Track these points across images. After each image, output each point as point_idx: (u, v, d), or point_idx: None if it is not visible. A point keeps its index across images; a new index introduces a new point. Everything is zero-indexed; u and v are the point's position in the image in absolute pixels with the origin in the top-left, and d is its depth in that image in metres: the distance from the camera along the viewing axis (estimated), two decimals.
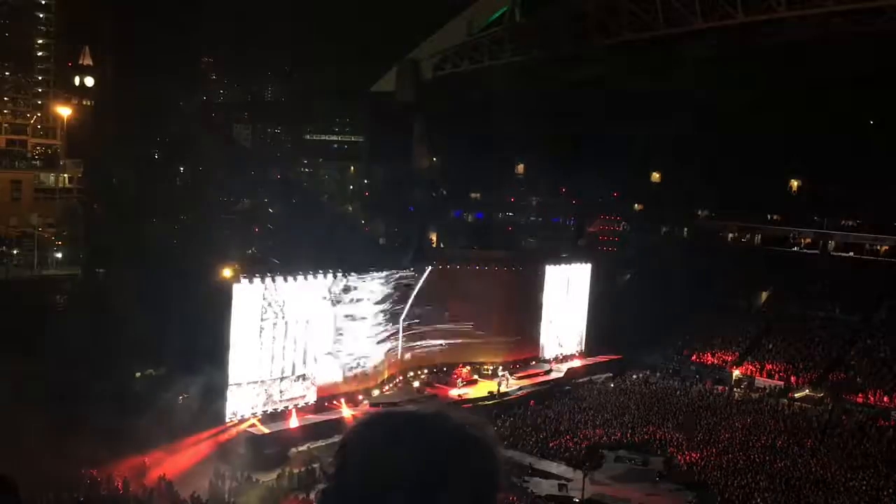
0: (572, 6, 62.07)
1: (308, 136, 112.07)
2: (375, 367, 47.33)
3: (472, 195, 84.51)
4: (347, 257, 46.05)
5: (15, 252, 59.21)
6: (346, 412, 42.85)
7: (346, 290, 45.34)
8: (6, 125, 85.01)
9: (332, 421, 41.59)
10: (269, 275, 41.48)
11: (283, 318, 41.89)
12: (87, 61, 79.29)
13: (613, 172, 66.21)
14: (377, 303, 47.37)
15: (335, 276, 44.59)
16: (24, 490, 3.12)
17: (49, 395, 33.89)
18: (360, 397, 45.33)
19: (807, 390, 52.28)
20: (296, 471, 36.60)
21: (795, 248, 68.28)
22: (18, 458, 24.12)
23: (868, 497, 36.70)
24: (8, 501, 3.03)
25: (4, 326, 39.02)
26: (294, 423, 41.47)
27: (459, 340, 52.34)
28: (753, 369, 55.64)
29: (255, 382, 40.92)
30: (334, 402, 44.06)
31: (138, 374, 41.80)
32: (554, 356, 57.76)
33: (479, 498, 1.95)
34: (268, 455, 38.37)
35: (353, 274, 45.66)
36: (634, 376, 55.73)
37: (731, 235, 73.34)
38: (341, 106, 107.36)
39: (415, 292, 50.01)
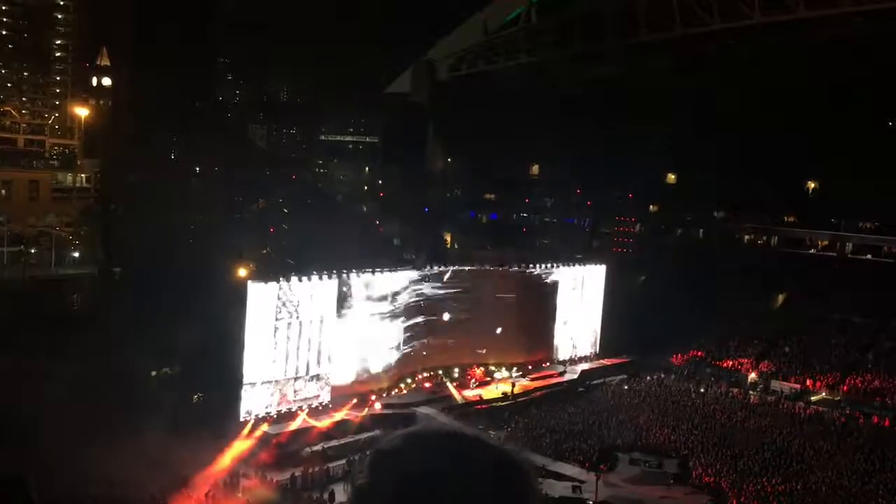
0: (588, 7, 61.82)
1: (323, 137, 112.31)
2: (389, 367, 47.35)
3: (487, 196, 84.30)
4: (362, 257, 46.13)
5: (32, 251, 59.71)
6: (360, 412, 42.97)
7: (360, 290, 45.43)
8: (24, 125, 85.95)
9: (345, 421, 41.94)
10: (283, 275, 41.68)
11: (298, 318, 42.04)
12: (105, 61, 79.82)
13: (629, 173, 65.87)
14: (391, 303, 47.38)
15: (349, 276, 44.69)
16: (39, 489, 3.10)
17: (64, 394, 34.10)
18: (374, 397, 45.33)
19: (824, 394, 51.85)
20: (310, 471, 36.67)
21: (812, 251, 67.70)
22: (34, 457, 24.26)
23: (885, 502, 36.34)
24: (23, 500, 3.01)
25: (21, 326, 39.39)
26: (308, 422, 41.57)
27: (473, 341, 52.23)
28: (769, 372, 55.20)
29: (270, 382, 41.10)
30: (348, 402, 44.15)
31: (154, 373, 42.05)
32: (568, 357, 57.53)
33: None
34: (282, 455, 38.46)
35: (367, 274, 45.72)
36: (649, 378, 55.40)
37: (747, 237, 72.77)
38: (356, 107, 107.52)
39: (428, 293, 49.97)
